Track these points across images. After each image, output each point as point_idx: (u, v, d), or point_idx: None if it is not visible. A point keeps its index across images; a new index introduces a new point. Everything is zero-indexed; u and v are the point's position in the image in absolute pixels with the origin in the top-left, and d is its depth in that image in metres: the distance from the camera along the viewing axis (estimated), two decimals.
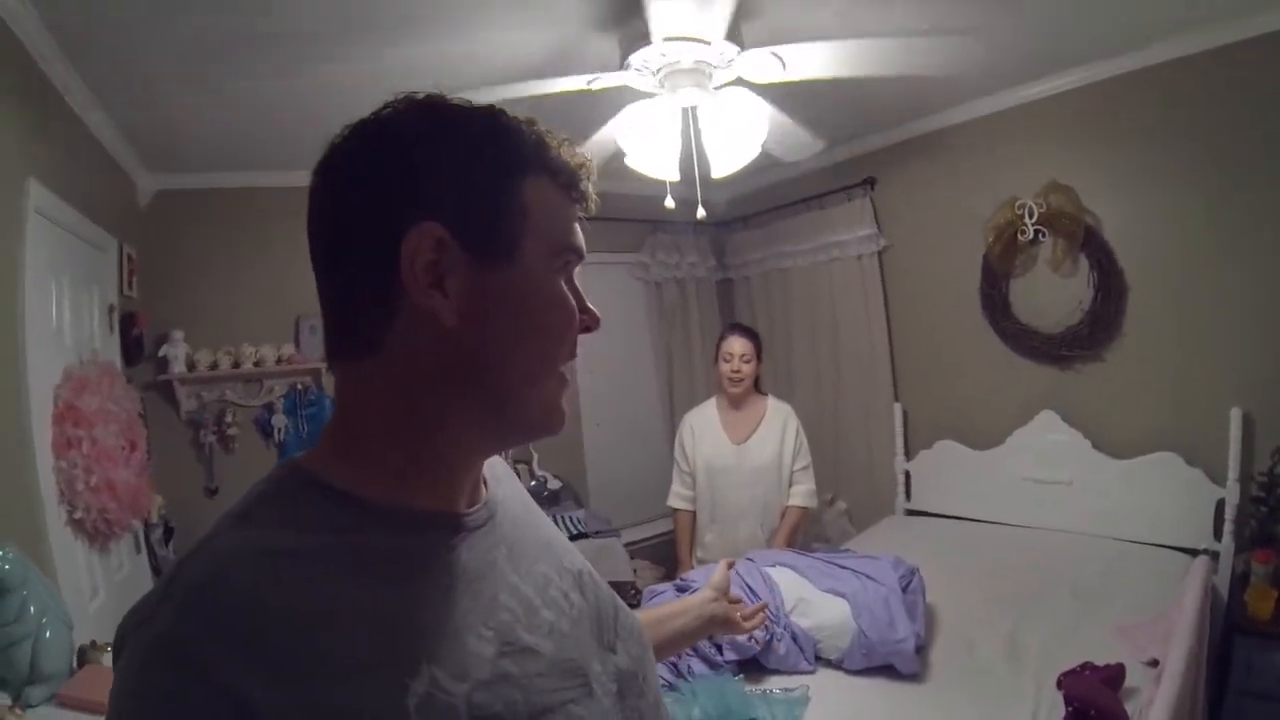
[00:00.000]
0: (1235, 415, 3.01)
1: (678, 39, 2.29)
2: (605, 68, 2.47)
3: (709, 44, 2.32)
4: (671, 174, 2.55)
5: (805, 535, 3.63)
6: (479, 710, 0.59)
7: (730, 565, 1.42)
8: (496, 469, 0.86)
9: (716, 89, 2.48)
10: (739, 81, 2.53)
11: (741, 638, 2.34)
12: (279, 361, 3.85)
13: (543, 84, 2.43)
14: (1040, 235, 3.58)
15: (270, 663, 0.52)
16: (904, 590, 2.54)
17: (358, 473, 0.66)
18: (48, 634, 1.80)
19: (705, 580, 2.54)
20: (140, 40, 2.35)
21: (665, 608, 1.28)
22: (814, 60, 2.43)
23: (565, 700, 0.67)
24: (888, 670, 2.37)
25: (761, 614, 1.37)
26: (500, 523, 0.76)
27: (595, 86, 2.49)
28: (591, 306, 0.75)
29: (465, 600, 0.65)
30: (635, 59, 2.40)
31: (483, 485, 0.79)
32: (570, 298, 0.72)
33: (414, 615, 0.61)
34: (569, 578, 0.80)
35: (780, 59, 2.39)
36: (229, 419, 3.81)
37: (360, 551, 0.62)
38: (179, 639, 0.52)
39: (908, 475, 4.24)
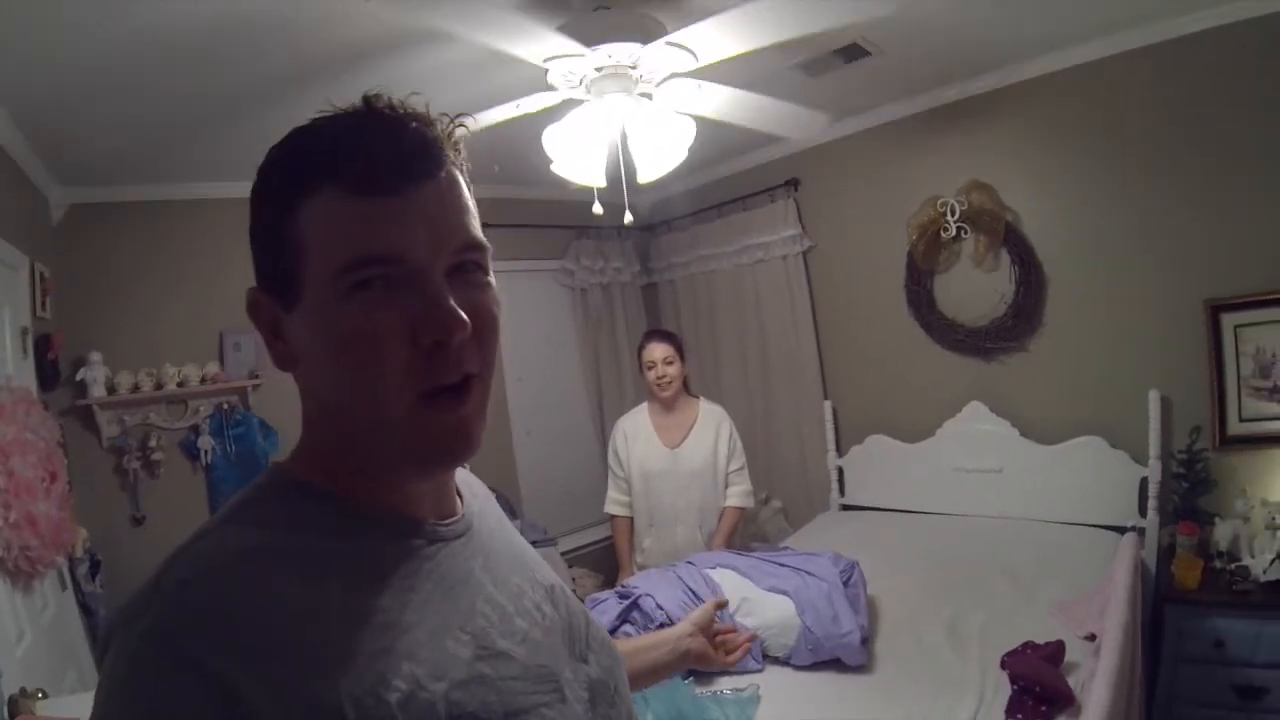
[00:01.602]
0: (1154, 397, 3.11)
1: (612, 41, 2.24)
2: (532, 81, 2.41)
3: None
4: (598, 180, 2.51)
5: (742, 535, 3.61)
6: (456, 708, 0.60)
7: (721, 605, 1.38)
8: (472, 484, 0.88)
9: (641, 94, 2.45)
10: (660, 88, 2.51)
11: None
12: (203, 381, 3.67)
13: (476, 117, 2.36)
14: (962, 232, 3.65)
15: (257, 655, 0.54)
16: (845, 584, 2.56)
17: (331, 475, 0.69)
18: None
19: (646, 586, 2.54)
20: (51, 49, 2.22)
21: (642, 639, 1.28)
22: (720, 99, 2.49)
23: (538, 704, 0.68)
24: (835, 664, 2.38)
25: (746, 644, 1.32)
26: (477, 534, 0.78)
27: (522, 111, 2.44)
28: (445, 310, 0.63)
29: (444, 605, 0.67)
30: (558, 67, 2.32)
31: (458, 498, 0.80)
32: (371, 321, 0.62)
33: (396, 616, 0.62)
34: (541, 590, 0.81)
35: (699, 85, 2.42)
36: (153, 443, 3.59)
37: (344, 553, 0.65)
38: (166, 632, 0.54)
39: (840, 471, 4.26)
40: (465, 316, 0.64)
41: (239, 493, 0.69)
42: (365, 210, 0.62)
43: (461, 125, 0.71)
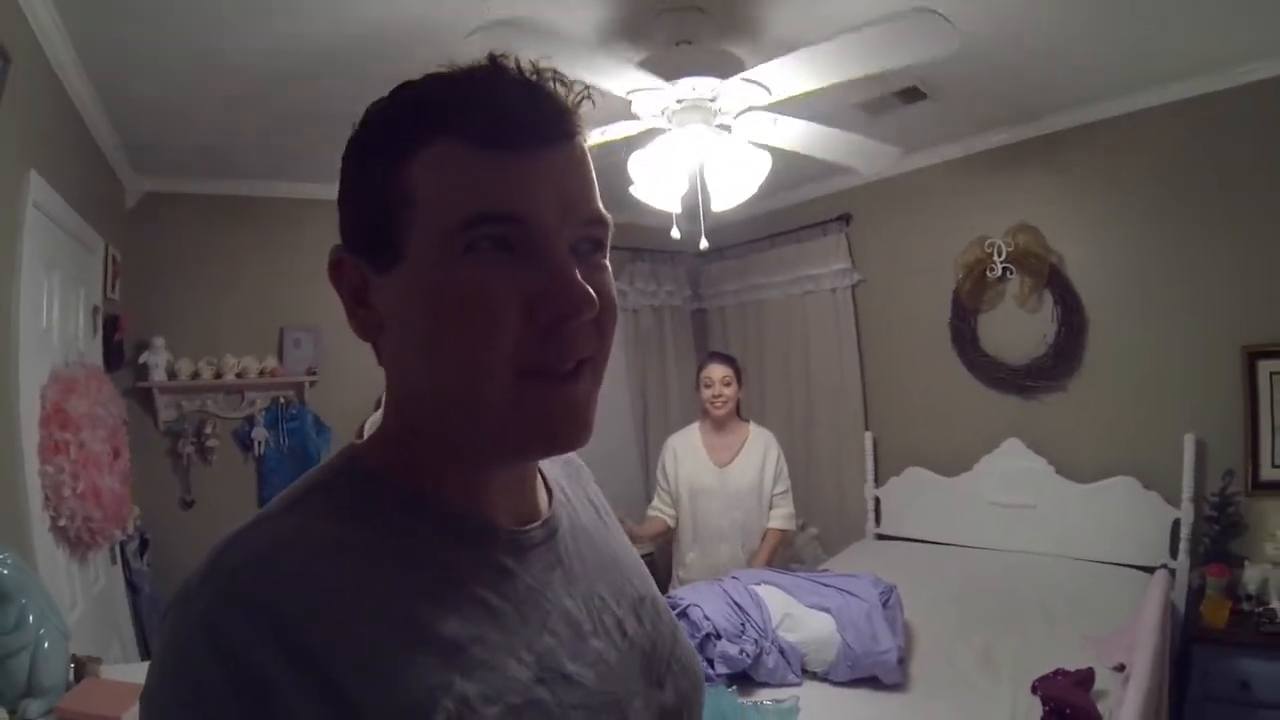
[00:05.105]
0: (1189, 441, 3.19)
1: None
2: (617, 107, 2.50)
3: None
4: (674, 206, 2.63)
5: (780, 559, 3.70)
6: None
7: None
8: (572, 473, 0.83)
9: (720, 126, 2.56)
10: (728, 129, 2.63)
11: (733, 650, 2.42)
12: (261, 374, 3.80)
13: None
14: (1008, 272, 3.76)
15: (303, 653, 0.51)
16: (884, 605, 2.64)
17: (409, 466, 0.64)
18: (46, 645, 1.71)
19: (693, 597, 2.63)
20: (148, 41, 2.36)
21: None
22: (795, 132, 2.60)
23: None
24: (872, 681, 2.46)
25: None
26: (562, 539, 0.71)
27: (607, 138, 2.56)
28: (573, 285, 0.58)
29: (512, 621, 0.62)
30: (641, 97, 2.42)
31: (546, 497, 0.74)
32: (484, 288, 0.57)
33: (457, 630, 0.58)
34: (627, 604, 0.75)
35: (774, 119, 2.54)
36: (208, 430, 3.73)
37: (410, 554, 0.60)
38: (215, 619, 0.51)
39: (877, 501, 4.34)
40: (594, 294, 0.58)
41: (308, 474, 0.64)
42: (492, 165, 0.57)
43: (588, 98, 0.64)
